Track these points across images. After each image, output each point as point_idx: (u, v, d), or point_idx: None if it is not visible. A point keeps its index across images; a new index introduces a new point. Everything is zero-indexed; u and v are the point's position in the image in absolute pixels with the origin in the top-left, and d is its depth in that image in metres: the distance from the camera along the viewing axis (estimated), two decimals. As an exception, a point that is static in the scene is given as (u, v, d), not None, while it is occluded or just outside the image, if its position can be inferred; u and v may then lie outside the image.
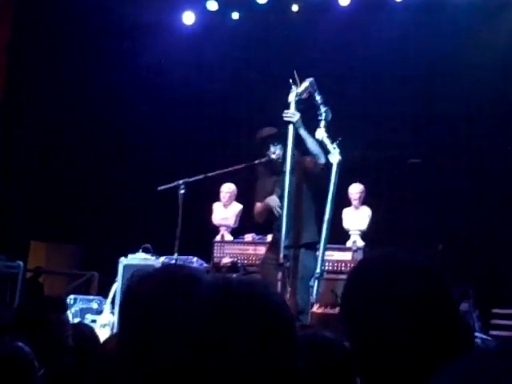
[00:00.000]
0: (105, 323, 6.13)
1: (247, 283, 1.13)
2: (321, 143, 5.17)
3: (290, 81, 5.01)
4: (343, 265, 6.48)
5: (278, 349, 1.05)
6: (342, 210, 7.09)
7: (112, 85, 9.32)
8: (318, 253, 5.09)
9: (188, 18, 9.32)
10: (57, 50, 9.13)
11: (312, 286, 5.04)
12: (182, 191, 5.37)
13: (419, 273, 1.27)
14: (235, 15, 9.26)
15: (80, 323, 4.56)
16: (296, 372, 1.07)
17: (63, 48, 9.14)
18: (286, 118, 5.03)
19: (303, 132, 5.01)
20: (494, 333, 6.83)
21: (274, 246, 5.06)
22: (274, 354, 1.04)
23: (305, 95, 5.04)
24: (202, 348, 1.03)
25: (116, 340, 2.12)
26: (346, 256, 6.57)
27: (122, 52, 9.29)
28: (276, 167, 5.05)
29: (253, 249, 6.67)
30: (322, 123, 5.20)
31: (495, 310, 7.30)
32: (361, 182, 7.26)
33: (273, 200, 4.96)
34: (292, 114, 5.03)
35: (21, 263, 6.76)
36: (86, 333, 2.58)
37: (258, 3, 8.87)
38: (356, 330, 1.26)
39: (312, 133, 5.19)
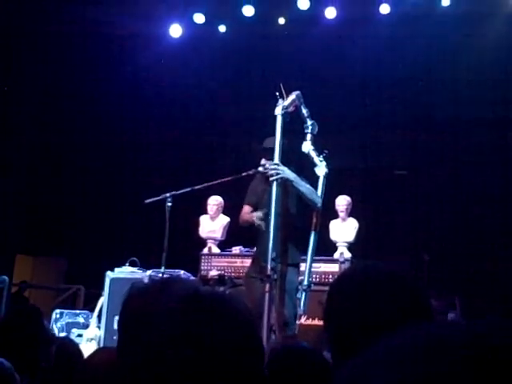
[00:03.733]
0: (91, 337, 6.09)
1: (213, 293, 1.15)
2: (307, 156, 5.18)
3: (277, 94, 5.01)
4: (330, 276, 6.47)
5: (243, 356, 1.06)
6: (329, 221, 7.11)
7: (99, 97, 9.31)
8: (302, 268, 5.09)
9: (175, 30, 9.34)
10: (46, 59, 9.14)
11: (299, 298, 5.04)
12: (169, 204, 5.36)
13: (393, 284, 1.28)
14: (222, 28, 9.29)
15: (64, 338, 4.52)
16: (261, 379, 1.08)
17: (52, 57, 9.14)
18: (273, 178, 4.68)
19: (295, 181, 4.81)
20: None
21: (256, 260, 5.04)
22: (239, 360, 1.05)
23: (291, 108, 5.03)
24: (171, 358, 1.04)
25: (100, 354, 2.12)
26: (334, 268, 6.57)
27: (109, 65, 9.29)
28: (267, 178, 4.99)
29: (240, 261, 6.65)
30: (309, 136, 5.20)
31: (482, 321, 7.32)
32: (348, 194, 7.28)
33: (256, 217, 4.92)
34: (280, 171, 4.70)
35: (6, 278, 6.70)
36: (70, 348, 2.56)
37: (244, 16, 8.91)
38: (334, 341, 1.28)
39: (299, 145, 5.20)
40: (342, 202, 7.19)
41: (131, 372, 1.29)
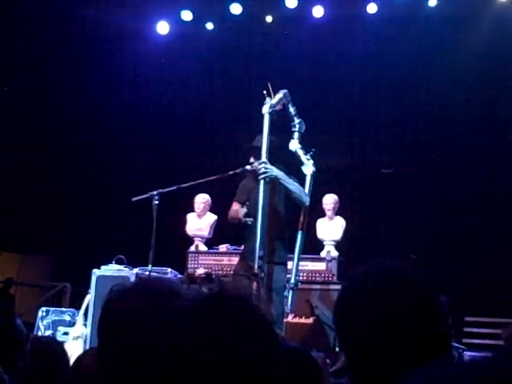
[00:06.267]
0: (77, 335, 6.07)
1: (235, 294, 1.15)
2: (294, 154, 5.20)
3: (264, 92, 5.02)
4: (317, 275, 6.50)
5: (263, 358, 1.07)
6: (316, 220, 7.13)
7: (86, 95, 9.26)
8: (288, 266, 5.10)
9: (162, 27, 9.32)
10: (32, 57, 9.07)
11: (287, 297, 5.06)
12: (156, 202, 5.35)
13: (406, 284, 1.28)
14: (209, 25, 9.28)
15: (48, 337, 4.50)
16: (275, 380, 1.09)
17: (38, 56, 9.08)
18: (261, 176, 4.78)
19: (283, 180, 4.87)
20: (466, 341, 6.91)
21: (244, 258, 5.05)
22: (259, 363, 1.06)
23: (278, 107, 5.05)
24: (187, 359, 1.04)
25: (89, 356, 2.11)
26: (321, 266, 6.60)
27: (95, 62, 9.24)
28: (256, 176, 4.99)
29: (227, 259, 6.66)
30: (296, 135, 5.22)
31: (468, 318, 7.38)
32: (335, 192, 7.30)
33: (240, 212, 4.94)
34: (268, 170, 4.79)
35: (-9, 275, 6.67)
36: (53, 348, 2.54)
37: (232, 14, 8.91)
38: (350, 345, 1.27)
39: (286, 144, 5.21)
40: (329, 200, 7.22)
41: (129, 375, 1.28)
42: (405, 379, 0.64)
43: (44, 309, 6.67)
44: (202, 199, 7.25)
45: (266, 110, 4.98)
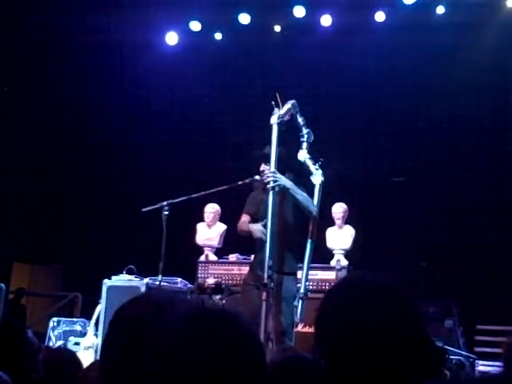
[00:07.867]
0: (88, 345, 6.09)
1: (220, 309, 1.17)
2: (303, 164, 5.21)
3: (273, 103, 5.04)
4: (327, 284, 6.48)
5: (249, 373, 1.08)
6: (326, 229, 7.13)
7: (97, 105, 9.33)
8: (298, 276, 5.10)
9: (171, 38, 9.38)
10: (44, 69, 9.17)
11: (296, 306, 5.05)
12: (166, 212, 5.37)
13: (384, 296, 1.31)
14: (218, 36, 9.32)
15: (60, 348, 4.52)
16: None
17: (49, 67, 9.17)
18: (270, 186, 4.77)
19: (292, 189, 4.87)
20: (478, 349, 6.87)
21: (254, 268, 5.05)
22: (246, 378, 1.07)
23: (287, 117, 5.06)
24: (175, 372, 1.06)
25: (98, 366, 2.12)
26: (330, 275, 6.58)
27: (106, 72, 9.32)
28: (265, 187, 5.00)
29: (237, 269, 6.66)
30: (305, 145, 5.23)
31: (479, 327, 7.34)
32: (344, 201, 7.30)
33: (257, 230, 4.92)
34: (277, 179, 4.80)
35: (2, 285, 6.70)
36: (67, 358, 2.57)
37: (240, 24, 8.95)
38: (327, 351, 1.30)
39: (295, 154, 5.22)
40: (338, 209, 7.21)
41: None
42: None
43: (55, 319, 6.69)
44: (211, 209, 7.26)
45: (274, 120, 4.99)
